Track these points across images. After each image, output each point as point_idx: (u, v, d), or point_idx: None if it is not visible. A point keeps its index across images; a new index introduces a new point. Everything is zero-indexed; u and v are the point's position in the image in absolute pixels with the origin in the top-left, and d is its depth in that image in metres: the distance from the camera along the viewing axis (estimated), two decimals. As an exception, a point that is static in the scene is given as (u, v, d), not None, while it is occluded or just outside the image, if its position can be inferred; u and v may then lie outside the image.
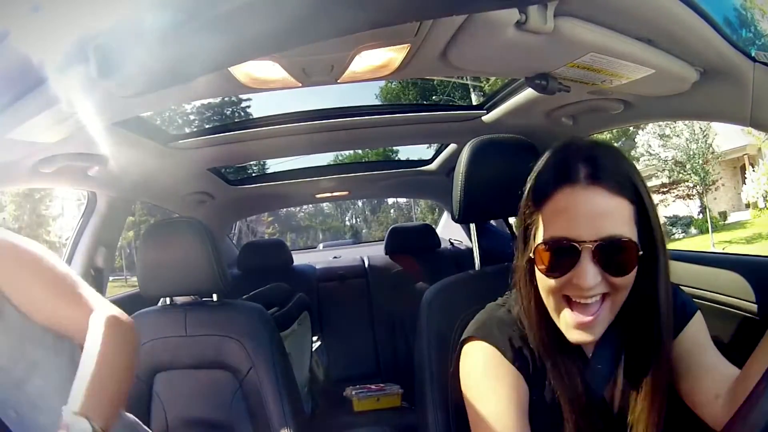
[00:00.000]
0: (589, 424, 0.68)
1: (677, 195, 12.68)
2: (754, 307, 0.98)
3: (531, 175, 0.68)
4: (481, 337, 0.71)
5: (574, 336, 0.64)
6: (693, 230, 12.15)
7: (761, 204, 11.25)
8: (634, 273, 0.63)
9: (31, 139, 0.87)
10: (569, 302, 0.64)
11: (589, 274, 0.60)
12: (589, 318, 0.62)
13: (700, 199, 12.25)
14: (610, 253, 0.60)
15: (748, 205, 12.04)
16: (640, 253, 0.62)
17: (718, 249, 9.75)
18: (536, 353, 0.70)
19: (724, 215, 12.53)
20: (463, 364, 0.74)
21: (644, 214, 0.62)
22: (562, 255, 0.61)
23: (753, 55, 0.77)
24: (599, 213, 0.60)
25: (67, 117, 0.84)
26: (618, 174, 0.62)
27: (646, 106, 1.07)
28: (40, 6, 0.59)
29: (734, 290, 1.04)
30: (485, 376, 0.70)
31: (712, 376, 0.67)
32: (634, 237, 0.62)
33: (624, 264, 0.61)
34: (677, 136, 12.01)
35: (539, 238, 0.64)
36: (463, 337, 0.75)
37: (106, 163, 1.21)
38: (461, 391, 0.74)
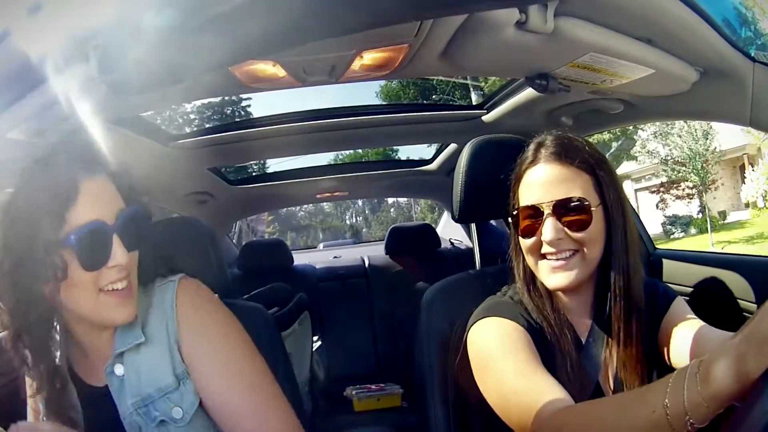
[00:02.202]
0: None
1: (677, 195, 12.70)
2: (754, 307, 0.99)
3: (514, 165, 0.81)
4: (492, 314, 0.77)
5: (551, 281, 0.75)
6: (692, 230, 12.15)
7: (760, 203, 11.22)
8: (595, 230, 0.73)
9: (32, 138, 0.87)
10: (546, 259, 0.75)
11: (550, 228, 0.73)
12: (561, 263, 0.74)
13: (700, 198, 12.28)
14: (567, 211, 0.73)
15: (747, 205, 12.02)
16: (593, 209, 0.73)
17: (717, 249, 9.75)
18: (540, 334, 0.76)
19: (723, 215, 12.58)
20: (475, 339, 0.77)
21: (599, 184, 0.75)
22: (531, 217, 0.75)
23: (753, 55, 0.77)
24: (556, 181, 0.74)
25: (67, 116, 0.84)
26: (575, 152, 0.75)
27: (646, 105, 1.07)
28: (41, 5, 0.59)
29: (734, 290, 1.05)
30: (502, 340, 0.74)
31: (703, 344, 0.72)
32: (591, 199, 0.73)
33: (579, 220, 0.73)
34: (678, 135, 11.98)
35: (516, 211, 0.78)
36: (471, 321, 0.79)
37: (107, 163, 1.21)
38: (468, 370, 0.76)
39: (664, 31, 0.77)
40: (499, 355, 0.72)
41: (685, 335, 0.75)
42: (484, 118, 1.54)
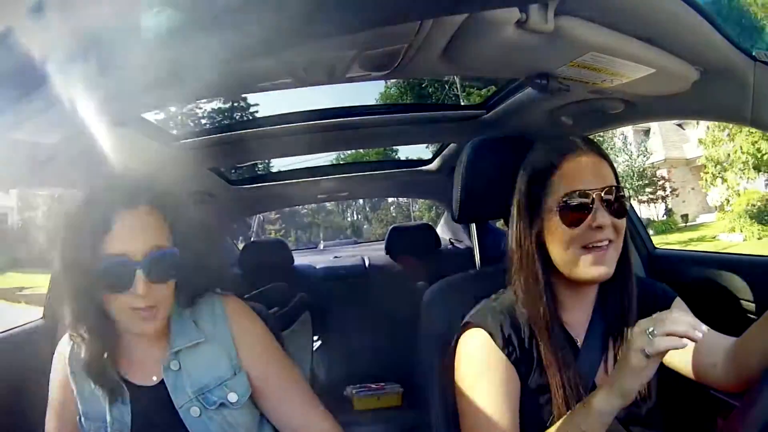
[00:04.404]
0: None
1: (640, 200, 13.50)
2: (753, 306, 0.99)
3: (528, 161, 0.81)
4: (475, 323, 0.79)
5: (593, 272, 0.76)
6: (650, 231, 12.92)
7: (728, 207, 11.87)
8: (625, 218, 0.77)
9: (33, 139, 0.87)
10: (588, 249, 0.76)
11: (603, 214, 0.75)
12: (602, 252, 0.75)
13: (664, 203, 13.80)
14: (612, 197, 0.76)
15: (717, 208, 12.75)
16: (627, 198, 0.78)
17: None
18: (526, 341, 0.77)
19: (686, 218, 13.74)
20: (458, 351, 0.80)
21: (617, 175, 0.80)
22: (579, 206, 0.75)
23: (754, 54, 0.77)
24: (599, 169, 0.77)
25: (68, 117, 0.84)
26: (600, 147, 0.80)
27: (647, 105, 1.06)
28: (42, 5, 0.59)
29: (734, 290, 1.05)
30: (477, 366, 0.77)
31: (704, 349, 0.74)
32: None
33: (622, 205, 0.77)
34: (615, 155, 13.10)
35: (554, 201, 0.77)
36: (461, 328, 0.81)
37: (108, 163, 1.21)
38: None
39: (665, 30, 0.77)
40: (472, 382, 0.77)
41: None
42: (484, 117, 1.54)
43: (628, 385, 0.64)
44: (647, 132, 14.81)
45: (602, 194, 0.75)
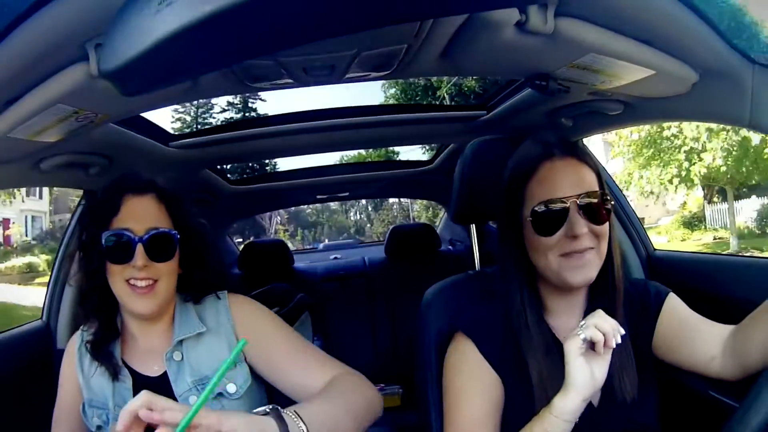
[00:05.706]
0: None
1: None
2: (752, 307, 0.98)
3: (510, 163, 0.80)
4: (463, 331, 0.79)
5: (575, 278, 0.73)
6: None
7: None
8: (607, 225, 0.74)
9: (32, 138, 0.87)
10: (567, 256, 0.74)
11: (579, 222, 0.72)
12: (583, 259, 0.73)
13: None
14: (590, 204, 0.73)
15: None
16: (612, 203, 0.74)
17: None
18: (514, 347, 0.76)
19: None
20: (446, 359, 0.81)
21: (601, 182, 0.77)
22: (554, 214, 0.73)
23: (753, 56, 0.77)
24: (575, 175, 0.74)
25: (68, 116, 0.84)
26: (583, 150, 0.79)
27: (646, 107, 1.06)
28: (42, 3, 0.60)
29: (734, 291, 1.05)
30: (462, 375, 0.77)
31: (702, 343, 0.74)
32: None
33: (601, 211, 0.73)
34: None
35: (528, 209, 0.75)
36: (454, 333, 0.82)
37: (107, 163, 1.21)
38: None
39: (664, 32, 0.77)
40: (457, 396, 0.77)
41: (683, 333, 0.76)
42: (484, 118, 1.54)
43: (579, 376, 0.64)
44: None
45: (578, 201, 0.72)
